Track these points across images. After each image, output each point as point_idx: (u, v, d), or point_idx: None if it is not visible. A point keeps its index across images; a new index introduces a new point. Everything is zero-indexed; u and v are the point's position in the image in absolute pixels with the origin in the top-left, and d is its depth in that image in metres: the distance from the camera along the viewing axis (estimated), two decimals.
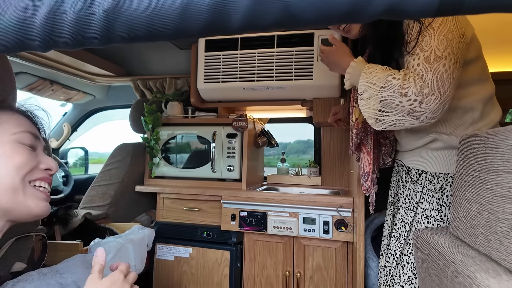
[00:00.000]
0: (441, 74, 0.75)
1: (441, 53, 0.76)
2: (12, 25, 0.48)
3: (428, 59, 0.76)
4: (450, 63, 0.76)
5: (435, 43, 0.76)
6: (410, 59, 0.80)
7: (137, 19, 0.43)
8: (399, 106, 0.77)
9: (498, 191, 0.52)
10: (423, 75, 0.76)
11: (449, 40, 0.76)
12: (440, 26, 0.77)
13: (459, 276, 0.53)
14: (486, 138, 0.59)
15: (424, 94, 0.74)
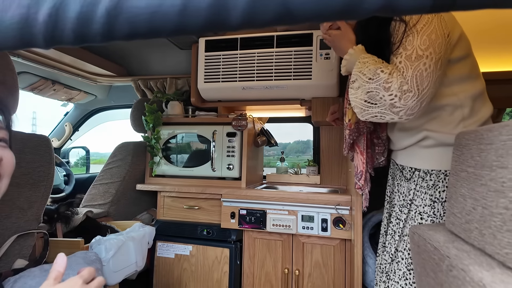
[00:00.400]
0: (421, 72, 0.77)
1: (422, 52, 0.78)
2: (15, 22, 0.49)
3: (410, 57, 0.79)
4: (431, 62, 0.78)
5: (418, 43, 0.79)
6: (394, 58, 0.83)
7: (138, 16, 0.44)
8: (382, 100, 0.79)
9: (492, 186, 0.53)
10: (404, 72, 0.78)
11: (432, 40, 0.78)
12: (424, 27, 0.79)
13: (454, 269, 0.54)
14: (481, 134, 0.60)
15: (403, 91, 0.77)
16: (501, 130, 0.52)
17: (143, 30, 0.46)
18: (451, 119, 0.88)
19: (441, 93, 0.87)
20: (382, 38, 0.86)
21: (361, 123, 0.99)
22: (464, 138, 0.67)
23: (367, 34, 0.90)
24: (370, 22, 0.89)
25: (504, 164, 0.50)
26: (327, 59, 1.53)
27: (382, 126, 1.06)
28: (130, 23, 0.45)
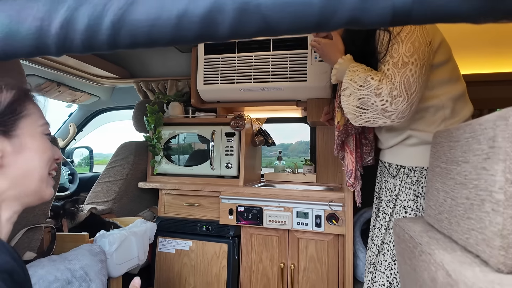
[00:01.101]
0: (408, 78, 0.83)
1: (408, 59, 0.84)
2: (31, 33, 0.55)
3: (396, 64, 0.84)
4: (417, 68, 0.83)
5: (403, 51, 0.84)
6: (382, 65, 0.88)
7: (139, 29, 0.50)
8: (373, 105, 0.84)
9: (458, 179, 0.59)
10: (392, 78, 0.83)
11: (415, 47, 0.84)
12: (408, 35, 0.85)
13: (423, 254, 0.60)
14: (451, 133, 0.65)
15: (393, 96, 0.82)
16: (465, 128, 0.57)
17: (143, 41, 0.52)
18: (434, 120, 0.93)
19: (425, 96, 0.92)
20: (368, 49, 0.92)
21: (349, 125, 1.05)
22: (438, 137, 0.73)
23: (354, 45, 0.96)
24: (357, 34, 0.95)
25: (466, 159, 0.55)
26: (322, 61, 1.59)
27: (369, 128, 1.12)
28: (131, 34, 0.52)
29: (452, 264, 0.48)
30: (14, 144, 0.55)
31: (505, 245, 0.42)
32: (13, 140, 0.56)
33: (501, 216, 0.43)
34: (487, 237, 0.45)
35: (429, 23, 0.42)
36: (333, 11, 0.41)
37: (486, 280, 0.41)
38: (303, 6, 0.42)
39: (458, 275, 0.44)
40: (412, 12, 0.40)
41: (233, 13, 0.45)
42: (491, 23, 0.40)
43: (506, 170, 0.43)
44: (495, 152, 0.45)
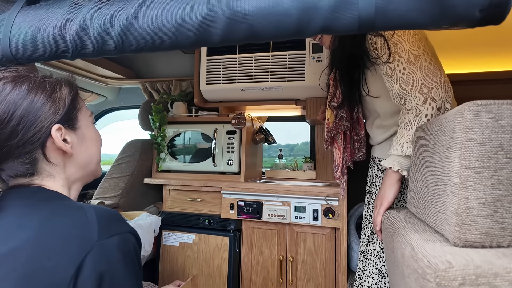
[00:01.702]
0: (428, 67, 0.83)
1: (417, 51, 0.84)
2: (50, 40, 0.63)
3: (409, 61, 0.84)
4: (429, 56, 0.84)
5: (408, 47, 0.85)
6: (392, 66, 0.87)
7: (144, 36, 0.58)
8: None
9: (430, 168, 0.65)
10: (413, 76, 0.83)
11: (417, 40, 0.86)
12: (405, 33, 0.86)
13: (398, 236, 0.66)
14: (426, 127, 0.72)
15: (427, 93, 0.82)
16: (436, 122, 0.64)
17: (147, 46, 0.60)
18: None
19: None
20: (356, 52, 0.95)
21: (338, 122, 1.11)
22: (418, 131, 0.79)
23: (343, 49, 1.00)
24: (345, 38, 0.99)
25: (436, 150, 0.62)
26: (319, 62, 1.65)
27: (361, 125, 1.18)
28: (137, 40, 0.59)
29: (418, 241, 0.54)
30: (78, 136, 0.63)
31: (459, 222, 0.48)
32: (77, 132, 0.63)
33: (456, 197, 0.49)
34: (447, 217, 0.52)
35: (390, 30, 0.49)
36: (308, 20, 0.48)
37: (441, 251, 0.47)
38: (283, 16, 0.49)
39: (419, 249, 0.50)
40: (375, 21, 0.47)
41: (224, 22, 0.52)
42: (444, 30, 0.47)
43: (461, 157, 0.49)
44: (454, 142, 0.52)
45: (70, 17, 0.61)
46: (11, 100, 0.54)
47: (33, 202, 0.54)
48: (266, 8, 0.50)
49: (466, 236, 0.48)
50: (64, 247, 0.48)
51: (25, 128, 0.54)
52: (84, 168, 0.65)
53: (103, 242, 0.49)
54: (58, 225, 0.50)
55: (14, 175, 0.56)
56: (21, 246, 0.47)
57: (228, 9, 0.51)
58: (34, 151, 0.56)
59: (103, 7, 0.60)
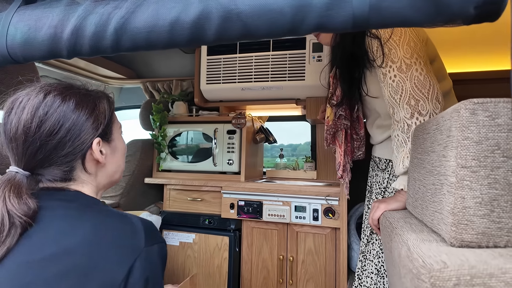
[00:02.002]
0: (418, 78, 0.83)
1: (409, 60, 0.84)
2: (46, 39, 0.63)
3: (401, 69, 0.84)
4: (422, 66, 0.84)
5: (402, 54, 0.85)
6: (385, 71, 0.88)
7: (138, 34, 0.58)
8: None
9: (427, 167, 0.64)
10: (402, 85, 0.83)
11: (412, 47, 0.85)
12: (401, 38, 0.85)
13: (396, 236, 0.65)
14: (424, 126, 0.71)
15: (414, 106, 0.82)
16: (433, 121, 0.63)
17: (142, 45, 0.60)
18: None
19: None
20: (356, 51, 0.94)
21: (338, 121, 1.10)
22: (417, 130, 0.78)
23: (343, 47, 0.99)
24: (345, 37, 0.98)
25: (434, 149, 0.61)
26: (319, 61, 1.65)
27: (361, 124, 1.17)
28: (132, 39, 0.59)
29: (414, 241, 0.54)
30: (111, 147, 0.68)
31: (455, 222, 0.48)
32: (111, 144, 0.68)
33: (453, 196, 0.48)
34: (444, 216, 0.51)
35: (384, 28, 0.48)
36: (302, 18, 0.48)
37: (436, 251, 0.46)
38: (277, 14, 0.49)
39: (415, 249, 0.50)
40: (369, 19, 0.47)
41: (218, 20, 0.52)
42: (438, 27, 0.46)
43: (458, 156, 0.48)
44: (450, 140, 0.51)
45: (66, 16, 0.61)
46: (61, 113, 0.58)
47: (79, 206, 0.58)
48: (260, 6, 0.49)
49: (463, 236, 0.47)
50: (117, 250, 0.52)
51: (71, 140, 0.59)
52: (111, 177, 0.70)
53: (148, 249, 0.55)
54: (110, 230, 0.55)
55: (52, 180, 0.60)
56: (76, 247, 0.51)
57: (222, 7, 0.51)
58: (74, 161, 0.61)
59: (99, 6, 0.60)
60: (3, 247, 0.51)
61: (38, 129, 0.57)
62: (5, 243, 0.51)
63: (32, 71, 1.13)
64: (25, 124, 0.57)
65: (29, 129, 0.56)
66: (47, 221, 0.55)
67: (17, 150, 0.58)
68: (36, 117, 0.57)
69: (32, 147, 0.57)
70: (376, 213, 0.86)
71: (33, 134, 0.57)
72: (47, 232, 0.53)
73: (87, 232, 0.53)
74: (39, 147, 0.57)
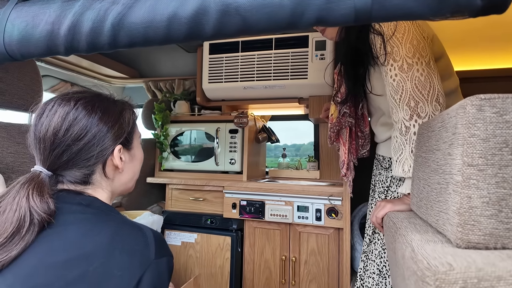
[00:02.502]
0: (418, 79, 0.80)
1: (411, 59, 0.82)
2: (43, 36, 0.62)
3: (402, 68, 0.82)
4: (423, 66, 0.81)
5: (404, 52, 0.83)
6: (386, 69, 0.86)
7: (135, 30, 0.57)
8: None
9: (432, 166, 0.63)
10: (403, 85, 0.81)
11: (415, 46, 0.82)
12: (404, 35, 0.83)
13: (400, 237, 0.64)
14: (429, 123, 0.69)
15: (413, 107, 0.80)
16: (438, 118, 0.61)
17: (140, 41, 0.59)
18: None
19: None
20: (361, 47, 0.92)
21: (342, 118, 1.09)
22: (421, 128, 0.77)
23: (348, 43, 0.97)
24: (350, 32, 0.96)
25: (439, 147, 0.59)
26: (322, 59, 1.63)
27: (365, 121, 1.15)
28: (129, 35, 0.58)
29: (419, 242, 0.52)
30: (130, 155, 0.71)
31: (461, 222, 0.46)
32: (130, 151, 0.71)
33: (459, 196, 0.47)
34: (449, 216, 0.49)
35: (387, 21, 0.47)
36: (302, 11, 0.47)
37: (441, 252, 0.45)
38: (276, 7, 0.47)
39: (420, 250, 0.48)
40: (372, 12, 0.45)
41: (216, 15, 0.51)
42: (444, 19, 0.45)
43: (464, 154, 0.47)
44: (456, 138, 0.49)
45: (63, 12, 0.60)
46: (89, 119, 0.62)
47: (96, 211, 0.60)
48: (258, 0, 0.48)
49: (469, 237, 0.46)
50: (130, 260, 0.54)
51: (95, 145, 0.62)
52: (126, 185, 0.72)
53: (158, 261, 0.57)
54: (126, 240, 0.57)
55: (72, 181, 0.63)
56: (94, 252, 0.53)
57: (220, 1, 0.50)
58: (96, 165, 0.64)
59: (96, 2, 0.59)
60: (21, 243, 0.52)
61: (66, 132, 0.60)
62: (24, 239, 0.53)
63: (33, 70, 1.13)
64: (55, 127, 0.60)
65: (58, 132, 0.60)
66: (65, 223, 0.56)
67: (45, 150, 0.61)
68: (66, 121, 0.60)
69: (58, 149, 0.60)
70: (381, 212, 0.84)
71: (61, 137, 0.60)
72: (66, 235, 0.55)
73: (104, 239, 0.55)
74: (65, 149, 0.61)
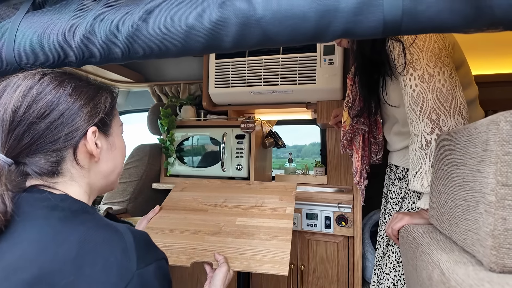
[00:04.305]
0: (440, 90, 0.77)
1: (432, 69, 0.78)
2: (54, 47, 0.61)
3: (423, 78, 0.78)
4: (445, 76, 0.78)
5: (425, 61, 0.79)
6: (406, 79, 0.82)
7: (151, 42, 0.55)
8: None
9: (457, 181, 0.60)
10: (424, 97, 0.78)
11: (437, 54, 0.79)
12: (425, 43, 0.79)
13: (423, 254, 0.61)
14: (451, 135, 0.67)
15: (435, 120, 0.77)
16: (464, 132, 0.59)
17: (155, 52, 0.57)
18: None
19: None
20: (379, 58, 0.89)
21: (355, 125, 1.06)
22: (441, 139, 0.74)
23: (362, 54, 0.94)
24: (364, 43, 0.92)
25: (464, 162, 0.57)
26: (331, 64, 1.61)
27: (379, 128, 1.13)
28: (144, 47, 0.56)
29: (447, 263, 0.50)
30: (108, 142, 0.62)
31: (496, 245, 0.44)
32: (108, 138, 0.62)
33: (492, 217, 0.44)
34: (480, 237, 0.47)
35: (418, 33, 0.44)
36: (328, 24, 0.44)
37: (476, 278, 0.42)
38: (299, 20, 0.45)
39: (451, 273, 0.46)
40: (402, 24, 0.43)
41: (236, 27, 0.49)
42: (477, 32, 0.43)
43: (497, 173, 0.44)
44: (487, 155, 0.47)
45: (75, 23, 0.58)
46: (56, 94, 0.53)
47: (63, 215, 0.50)
48: (281, 12, 0.46)
49: (505, 261, 0.43)
50: (104, 275, 0.44)
51: (63, 124, 0.53)
52: (107, 178, 0.63)
53: (141, 272, 0.47)
54: (97, 250, 0.46)
55: (38, 172, 0.53)
56: (58, 271, 0.43)
57: (240, 13, 0.48)
58: (64, 149, 0.54)
59: (109, 12, 0.57)
60: None
61: (28, 108, 0.51)
62: None
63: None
64: (14, 103, 0.51)
65: (18, 109, 0.51)
66: (24, 232, 0.46)
67: (2, 131, 0.51)
68: (28, 96, 0.52)
69: (18, 129, 0.51)
70: (398, 224, 0.82)
71: (22, 114, 0.51)
72: (22, 249, 0.44)
73: (69, 252, 0.45)
74: (27, 129, 0.51)
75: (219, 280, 0.83)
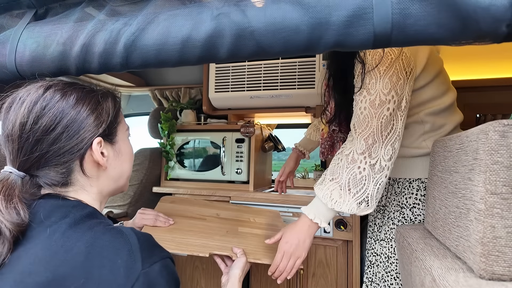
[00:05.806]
0: (386, 117, 0.78)
1: (385, 97, 0.78)
2: (54, 57, 0.62)
3: (373, 103, 0.79)
4: (394, 105, 0.79)
5: (380, 87, 0.79)
6: (358, 99, 0.83)
7: (148, 52, 0.56)
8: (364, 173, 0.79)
9: (450, 188, 0.61)
10: (368, 122, 0.79)
11: (393, 82, 0.78)
12: (386, 69, 0.79)
13: (417, 260, 0.62)
14: (445, 143, 0.68)
15: (369, 146, 0.79)
16: (456, 140, 0.60)
17: (152, 62, 0.58)
18: (411, 134, 0.93)
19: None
20: (348, 66, 0.87)
21: (333, 133, 1.07)
22: (436, 146, 0.75)
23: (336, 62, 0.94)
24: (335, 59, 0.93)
25: (457, 169, 0.58)
26: None
27: None
28: (142, 57, 0.58)
29: (439, 269, 0.51)
30: (114, 150, 0.63)
31: (485, 252, 0.45)
32: (114, 146, 0.63)
33: (482, 225, 0.45)
34: (471, 244, 0.48)
35: (408, 45, 0.45)
36: (319, 36, 0.46)
37: (466, 285, 0.43)
38: (292, 32, 0.46)
39: (441, 280, 0.46)
40: (391, 37, 0.44)
41: (230, 38, 0.50)
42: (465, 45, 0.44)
43: (486, 181, 0.45)
44: (477, 164, 0.48)
45: (75, 33, 0.60)
46: (59, 108, 0.54)
47: (72, 221, 0.52)
48: (274, 24, 0.47)
49: (493, 268, 0.44)
50: (111, 277, 0.47)
51: (68, 137, 0.55)
52: (116, 182, 0.65)
53: (147, 271, 0.49)
54: (104, 253, 0.49)
55: (50, 183, 0.56)
56: (69, 275, 0.46)
57: (235, 25, 0.49)
58: (71, 161, 0.56)
59: (108, 23, 0.59)
60: None
61: (34, 124, 0.53)
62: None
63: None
64: (21, 119, 0.53)
65: (25, 124, 0.53)
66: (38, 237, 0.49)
67: (13, 147, 0.54)
68: (33, 111, 0.53)
69: (27, 144, 0.53)
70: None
71: (29, 130, 0.53)
72: (36, 254, 0.47)
73: (79, 256, 0.47)
74: (34, 144, 0.53)
75: (238, 268, 0.88)
